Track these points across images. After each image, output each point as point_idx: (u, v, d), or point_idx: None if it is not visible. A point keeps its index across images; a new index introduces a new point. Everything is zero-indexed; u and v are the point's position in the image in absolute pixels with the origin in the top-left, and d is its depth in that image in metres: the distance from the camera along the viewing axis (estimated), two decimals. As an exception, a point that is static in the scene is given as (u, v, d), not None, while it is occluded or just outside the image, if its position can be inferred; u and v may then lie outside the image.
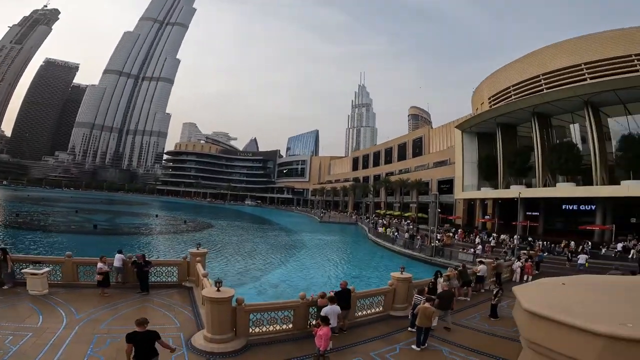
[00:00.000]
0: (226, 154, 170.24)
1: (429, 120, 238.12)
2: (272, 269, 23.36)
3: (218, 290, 8.01)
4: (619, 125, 31.79)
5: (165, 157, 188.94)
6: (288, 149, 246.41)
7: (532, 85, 40.16)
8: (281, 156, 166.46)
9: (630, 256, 24.29)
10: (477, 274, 15.07)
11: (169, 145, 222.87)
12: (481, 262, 16.25)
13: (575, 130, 35.60)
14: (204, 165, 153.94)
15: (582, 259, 21.24)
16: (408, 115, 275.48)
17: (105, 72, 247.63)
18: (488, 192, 41.50)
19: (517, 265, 17.97)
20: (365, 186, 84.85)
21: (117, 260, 11.89)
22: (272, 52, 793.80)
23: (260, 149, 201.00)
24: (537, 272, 19.47)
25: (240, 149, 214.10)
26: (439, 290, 10.99)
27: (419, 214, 57.64)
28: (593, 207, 32.11)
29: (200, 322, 9.14)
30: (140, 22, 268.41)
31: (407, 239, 32.13)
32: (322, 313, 7.96)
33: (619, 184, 28.84)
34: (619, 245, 26.31)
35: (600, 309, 1.30)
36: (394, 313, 10.85)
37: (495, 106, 42.58)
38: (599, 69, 34.23)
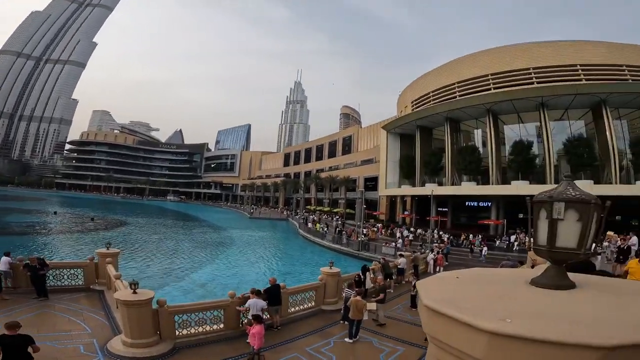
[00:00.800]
0: (145, 146, 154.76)
1: (359, 120, 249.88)
2: (198, 268, 22.22)
3: (134, 292, 7.41)
4: (512, 132, 37.56)
5: (67, 147, 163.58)
6: (217, 142, 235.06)
7: (447, 92, 44.04)
8: (209, 150, 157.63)
9: (513, 248, 27.26)
10: (398, 266, 16.17)
11: (75, 134, 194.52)
12: (401, 255, 17.68)
13: (477, 135, 40.79)
14: (117, 157, 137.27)
15: (484, 250, 24.71)
16: (340, 114, 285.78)
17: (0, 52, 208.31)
18: (407, 190, 45.21)
19: (430, 257, 19.98)
20: (296, 182, 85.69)
21: (3, 264, 10.28)
22: (208, 44, 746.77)
23: (187, 142, 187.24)
24: (446, 263, 21.94)
25: (163, 140, 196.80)
26: (368, 284, 11.68)
27: (347, 210, 60.38)
28: (489, 204, 37.46)
29: (116, 326, 8.42)
30: (54, 1, 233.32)
31: (335, 234, 33.46)
32: (246, 305, 7.91)
33: (510, 183, 34.13)
34: (512, 238, 29.59)
35: (487, 303, 1.46)
36: (325, 307, 11.22)
37: (416, 110, 46.42)
38: (502, 79, 39.09)
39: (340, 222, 46.30)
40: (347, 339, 8.68)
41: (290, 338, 8.62)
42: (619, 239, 14.84)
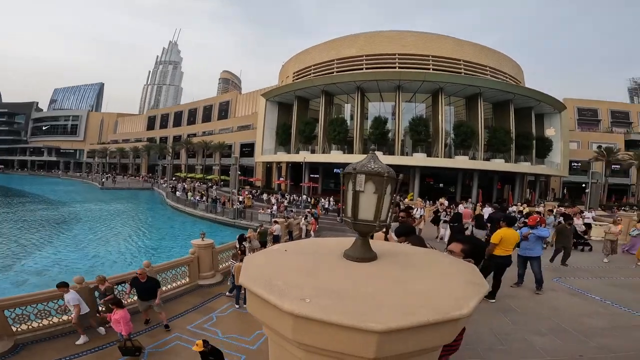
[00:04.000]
0: None
1: (239, 86, 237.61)
2: (32, 253, 18.05)
3: None
4: (374, 109, 42.76)
5: None
6: (53, 101, 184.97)
7: (327, 68, 46.68)
8: (40, 109, 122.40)
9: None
10: (274, 233, 16.17)
11: None
12: (276, 222, 18.13)
13: (347, 109, 45.04)
14: None
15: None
16: (219, 79, 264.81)
17: None
18: (282, 156, 46.63)
19: (303, 223, 20.92)
20: (163, 147, 76.74)
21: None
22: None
23: (6, 101, 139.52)
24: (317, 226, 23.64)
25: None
26: (247, 253, 11.80)
27: (222, 177, 58.35)
28: (353, 171, 42.32)
29: None
30: None
31: (209, 202, 32.13)
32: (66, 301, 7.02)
33: (369, 153, 39.15)
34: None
35: (300, 279, 1.39)
36: (202, 282, 10.83)
37: (297, 81, 47.69)
38: (373, 61, 43.40)
39: (214, 189, 44.52)
40: (236, 306, 8.80)
41: (167, 318, 8.19)
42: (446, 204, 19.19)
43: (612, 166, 45.89)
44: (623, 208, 35.44)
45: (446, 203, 22.52)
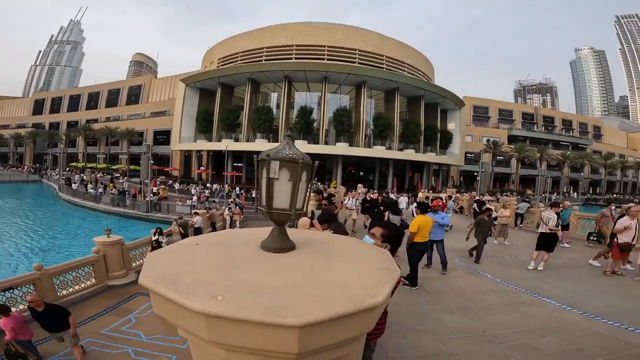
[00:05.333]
0: None
1: (155, 71, 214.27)
2: None
3: None
4: (300, 98, 43.02)
5: None
6: None
7: (255, 55, 45.38)
8: None
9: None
10: (195, 225, 15.44)
11: None
12: (196, 214, 17.05)
13: (274, 98, 44.56)
14: None
15: None
16: (131, 62, 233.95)
17: None
18: (203, 144, 44.24)
19: (227, 213, 20.02)
20: (54, 134, 65.43)
21: None
22: None
23: None
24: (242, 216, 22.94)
25: None
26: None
27: (132, 166, 52.45)
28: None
29: None
30: None
31: (116, 195, 28.67)
32: None
33: (293, 142, 39.37)
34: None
35: (210, 275, 1.29)
36: (113, 282, 9.59)
37: (223, 67, 45.68)
38: (303, 51, 43.46)
39: (122, 181, 39.76)
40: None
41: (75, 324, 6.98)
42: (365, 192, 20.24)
43: (497, 157, 54.37)
44: (505, 193, 42.39)
45: (364, 191, 23.92)
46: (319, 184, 24.04)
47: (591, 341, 4.31)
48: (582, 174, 63.99)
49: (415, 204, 13.49)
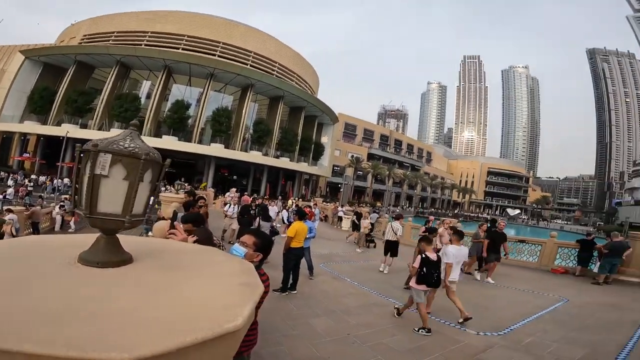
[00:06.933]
0: None
1: None
2: None
3: None
4: (178, 91, 39.29)
5: None
6: None
7: (135, 38, 40.35)
8: None
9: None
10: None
11: None
12: (10, 211, 13.01)
13: (145, 86, 39.44)
14: None
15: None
16: None
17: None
18: (34, 127, 35.50)
19: (57, 212, 15.76)
20: None
21: None
22: None
23: None
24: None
25: None
26: None
27: None
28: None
29: None
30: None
31: None
32: None
33: (161, 137, 35.20)
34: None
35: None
36: None
37: (87, 44, 39.65)
38: (193, 44, 40.36)
39: None
40: None
41: None
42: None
43: (358, 172, 61.74)
44: (361, 205, 48.33)
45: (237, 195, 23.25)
46: (185, 184, 21.93)
47: (428, 338, 4.99)
48: (415, 191, 79.17)
49: (292, 210, 13.85)
